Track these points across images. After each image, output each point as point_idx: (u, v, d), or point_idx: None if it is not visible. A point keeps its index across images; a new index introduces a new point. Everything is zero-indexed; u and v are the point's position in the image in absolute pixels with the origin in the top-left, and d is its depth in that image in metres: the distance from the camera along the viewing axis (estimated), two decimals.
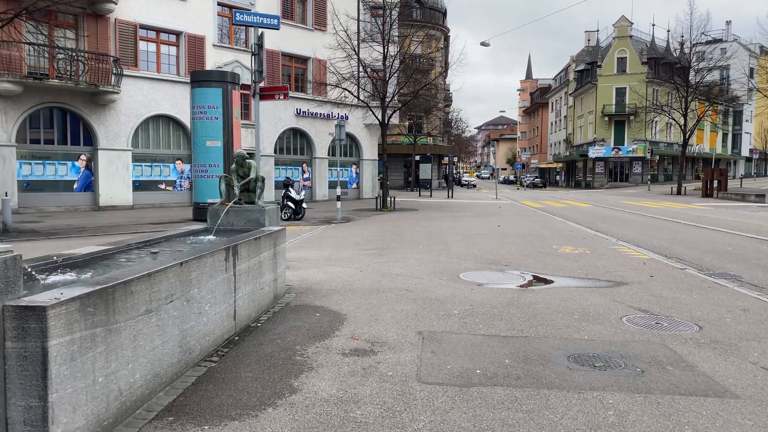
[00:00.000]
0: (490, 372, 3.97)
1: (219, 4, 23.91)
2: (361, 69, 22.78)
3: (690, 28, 37.93)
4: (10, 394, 2.49)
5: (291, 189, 17.15)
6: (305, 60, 27.54)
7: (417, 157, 41.35)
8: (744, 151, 71.21)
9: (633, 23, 56.26)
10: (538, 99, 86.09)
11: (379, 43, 22.47)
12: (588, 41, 65.47)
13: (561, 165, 69.96)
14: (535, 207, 24.26)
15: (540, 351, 4.46)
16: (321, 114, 28.08)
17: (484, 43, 30.97)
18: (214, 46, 23.77)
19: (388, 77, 22.21)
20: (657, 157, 55.12)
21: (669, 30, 51.77)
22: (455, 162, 60.41)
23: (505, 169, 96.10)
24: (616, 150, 54.44)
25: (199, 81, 16.18)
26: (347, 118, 25.80)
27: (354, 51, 22.09)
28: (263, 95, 15.23)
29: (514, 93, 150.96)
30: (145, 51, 21.95)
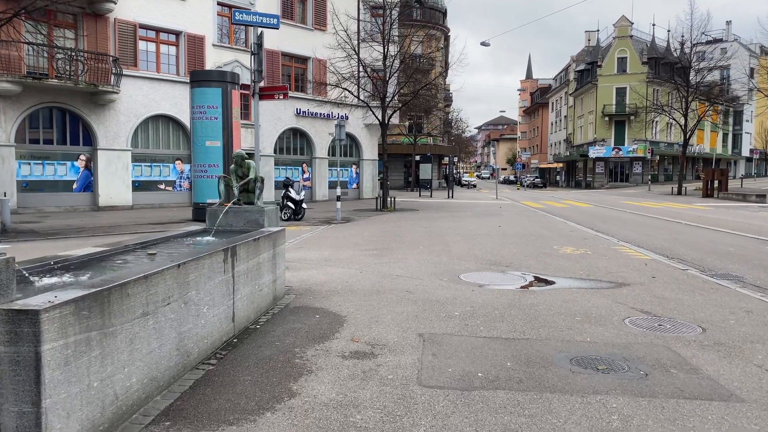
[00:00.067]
0: (491, 375, 3.92)
1: (219, 3, 23.85)
2: (361, 69, 22.72)
3: (690, 27, 37.91)
4: (2, 399, 2.44)
5: (291, 189, 17.10)
6: (305, 60, 27.49)
7: (417, 157, 41.29)
8: (744, 151, 71.17)
9: (633, 23, 56.21)
10: (538, 99, 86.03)
11: (379, 43, 22.41)
12: (588, 41, 65.42)
13: (561, 165, 69.90)
14: (536, 207, 24.21)
15: (542, 353, 4.41)
16: (321, 114, 28.03)
17: (484, 43, 30.93)
18: (213, 45, 23.72)
19: (388, 77, 22.15)
20: (657, 157, 55.05)
21: (669, 30, 51.74)
22: (455, 162, 60.32)
23: (506, 169, 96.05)
24: (616, 150, 54.38)
25: (199, 81, 16.13)
26: (347, 118, 25.75)
27: (354, 51, 22.03)
28: (263, 95, 15.18)
29: (514, 93, 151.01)
30: (145, 51, 21.89)
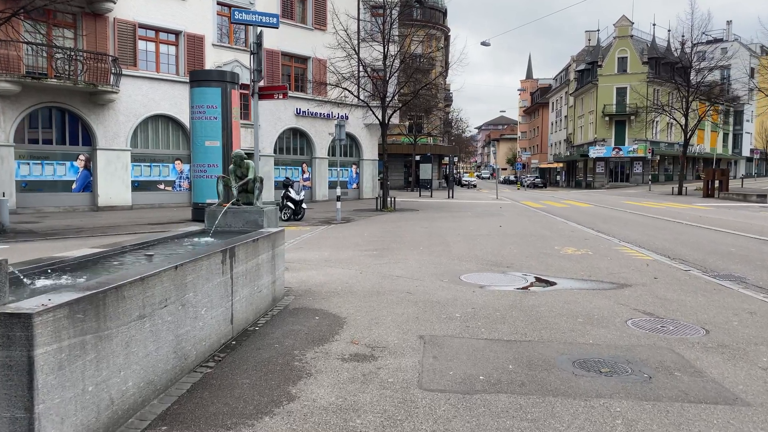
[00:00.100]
0: (493, 378, 3.87)
1: (218, 3, 23.80)
2: (361, 68, 22.67)
3: (691, 27, 37.86)
4: None
5: (290, 189, 17.05)
6: (305, 59, 27.43)
7: (417, 157, 41.23)
8: (745, 151, 71.15)
9: (633, 23, 56.15)
10: (538, 99, 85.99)
11: (380, 43, 22.36)
12: (588, 41, 65.39)
13: (561, 165, 69.86)
14: (536, 207, 24.15)
15: (544, 356, 4.36)
16: (321, 114, 27.97)
17: (484, 43, 30.88)
18: (213, 45, 23.67)
19: (388, 77, 22.10)
20: (658, 157, 54.99)
21: (670, 30, 51.36)
22: (455, 162, 60.22)
23: (506, 169, 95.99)
24: (616, 150, 54.32)
25: (199, 80, 16.09)
26: (347, 117, 25.70)
27: (354, 50, 21.98)
28: (262, 95, 15.12)
29: (514, 93, 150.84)
30: (144, 50, 21.84)
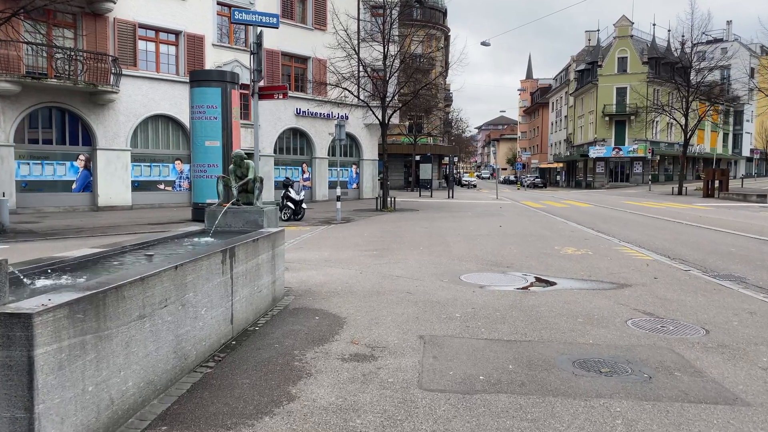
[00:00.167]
0: (493, 378, 3.87)
1: (218, 3, 23.80)
2: (361, 68, 22.66)
3: (691, 27, 37.85)
4: None
5: (290, 189, 17.04)
6: (305, 59, 27.43)
7: (417, 157, 41.23)
8: (745, 151, 71.15)
9: (633, 23, 56.14)
10: (538, 99, 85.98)
11: (380, 43, 22.35)
12: (588, 41, 65.39)
13: (561, 165, 69.86)
14: (536, 207, 24.15)
15: (544, 356, 4.36)
16: (321, 114, 27.97)
17: (484, 43, 30.88)
18: (213, 45, 23.67)
19: (388, 77, 22.09)
20: (658, 157, 54.98)
21: (670, 30, 51.33)
22: (455, 162, 60.22)
23: (506, 169, 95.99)
24: (616, 150, 54.32)
25: (199, 80, 16.09)
26: (347, 117, 25.69)
27: (354, 50, 21.97)
28: (262, 95, 15.12)
29: (514, 93, 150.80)
30: (144, 50, 21.84)
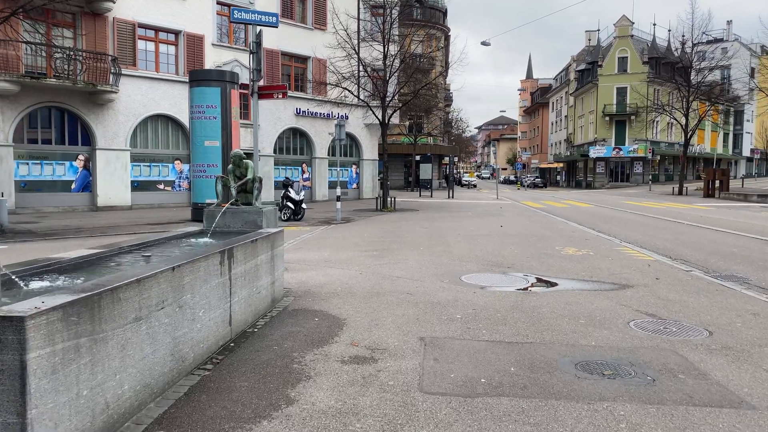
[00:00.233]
0: (495, 381, 3.82)
1: (218, 3, 23.74)
2: (361, 68, 22.61)
3: (691, 27, 37.81)
4: None
5: (290, 189, 16.99)
6: (305, 59, 27.38)
7: (417, 157, 41.17)
8: (745, 151, 71.09)
9: (634, 23, 56.08)
10: (538, 99, 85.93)
11: (380, 42, 22.29)
12: (589, 41, 65.32)
13: (561, 165, 69.81)
14: (536, 207, 24.10)
15: (546, 358, 4.31)
16: (321, 114, 27.92)
17: (485, 43, 30.82)
18: (213, 45, 23.62)
19: (388, 77, 22.04)
20: (658, 157, 54.92)
21: (670, 30, 51.42)
22: (455, 162, 60.16)
23: (506, 169, 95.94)
24: (617, 150, 54.26)
25: (198, 80, 16.02)
26: (347, 117, 25.64)
27: (354, 50, 21.92)
28: (262, 94, 15.08)
29: (514, 93, 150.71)
30: (144, 50, 21.79)
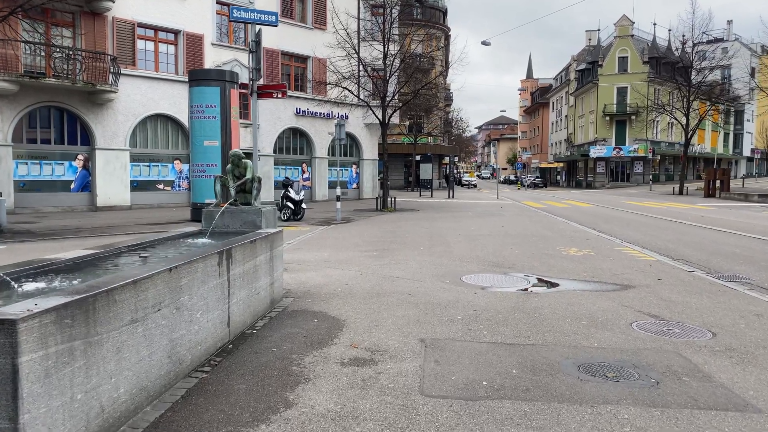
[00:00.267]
0: (497, 383, 3.77)
1: (218, 2, 23.68)
2: (362, 68, 22.56)
3: (692, 27, 37.77)
4: None
5: (290, 189, 16.94)
6: (305, 59, 27.32)
7: (417, 157, 41.12)
8: (745, 151, 71.00)
9: (634, 22, 56.01)
10: (538, 98, 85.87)
11: (380, 42, 22.23)
12: (589, 40, 65.24)
13: (562, 165, 69.73)
14: (537, 207, 24.05)
15: (548, 360, 4.26)
16: (321, 113, 27.86)
17: (485, 42, 30.77)
18: (212, 44, 23.56)
19: (388, 76, 21.99)
20: (658, 157, 54.84)
21: (670, 29, 51.44)
22: (456, 162, 60.12)
23: (506, 169, 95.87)
24: (617, 150, 54.19)
25: (198, 80, 15.97)
26: (347, 117, 25.59)
27: (354, 50, 21.86)
28: (261, 93, 15.03)
29: (514, 93, 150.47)
30: (143, 50, 21.74)
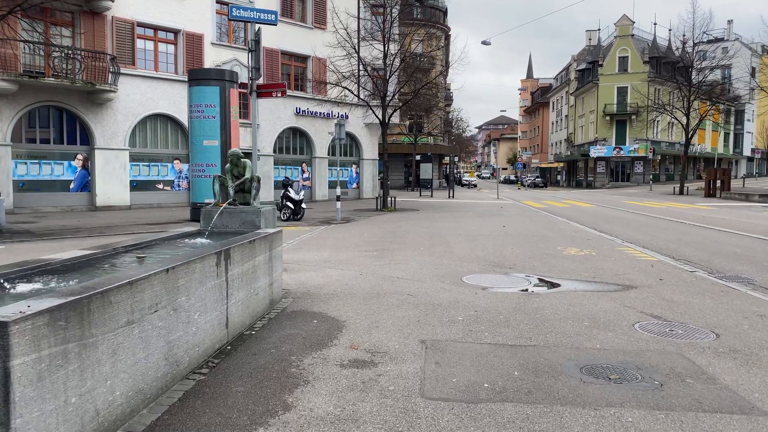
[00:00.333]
0: (498, 386, 3.72)
1: (217, 2, 23.63)
2: (362, 67, 22.50)
3: (692, 26, 37.69)
4: None
5: (290, 189, 16.89)
6: (305, 58, 27.27)
7: (417, 157, 41.06)
8: (746, 151, 70.94)
9: (634, 22, 55.93)
10: (539, 98, 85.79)
11: (380, 42, 22.18)
12: (589, 40, 65.16)
13: (562, 165, 69.65)
14: (537, 207, 24.00)
15: (550, 362, 4.21)
16: (321, 113, 27.80)
17: (485, 42, 30.71)
18: (212, 44, 23.51)
19: (388, 76, 21.93)
20: (659, 157, 54.77)
21: (671, 29, 51.36)
22: (456, 162, 60.04)
23: (506, 169, 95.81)
24: (617, 149, 54.12)
25: (197, 79, 15.91)
26: (347, 117, 25.54)
27: (354, 49, 21.80)
28: (260, 93, 14.96)
29: (514, 92, 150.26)
30: (143, 49, 21.69)
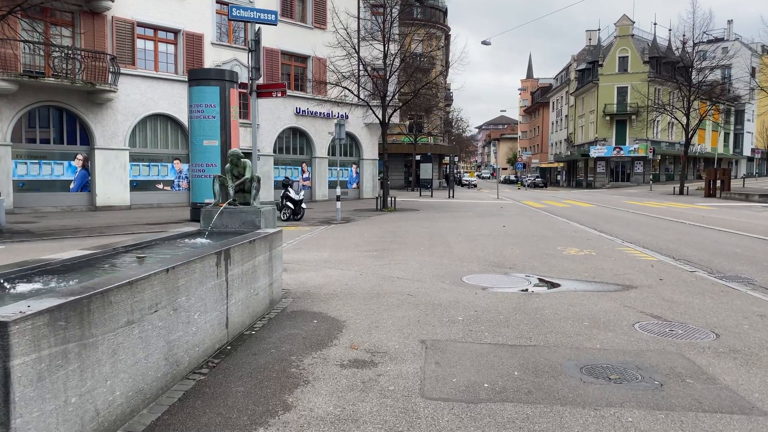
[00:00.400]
0: (498, 386, 3.72)
1: (217, 2, 23.63)
2: (362, 67, 22.50)
3: (692, 26, 37.69)
4: None
5: (290, 189, 16.89)
6: (305, 58, 27.27)
7: (417, 157, 41.06)
8: (746, 151, 70.95)
9: (634, 22, 55.93)
10: (539, 98, 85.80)
11: (380, 42, 22.18)
12: (589, 40, 65.16)
13: (562, 165, 69.66)
14: (537, 207, 24.00)
15: (550, 362, 4.21)
16: (321, 113, 27.80)
17: (485, 42, 30.71)
18: (212, 44, 23.51)
19: (388, 76, 21.93)
20: (659, 157, 54.77)
21: (671, 29, 51.36)
22: (456, 162, 60.03)
23: (506, 169, 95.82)
24: (617, 149, 54.12)
25: (197, 79, 15.91)
26: (347, 117, 25.54)
27: (354, 49, 21.80)
28: (260, 93, 14.96)
29: (514, 92, 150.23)
30: (143, 49, 21.69)
